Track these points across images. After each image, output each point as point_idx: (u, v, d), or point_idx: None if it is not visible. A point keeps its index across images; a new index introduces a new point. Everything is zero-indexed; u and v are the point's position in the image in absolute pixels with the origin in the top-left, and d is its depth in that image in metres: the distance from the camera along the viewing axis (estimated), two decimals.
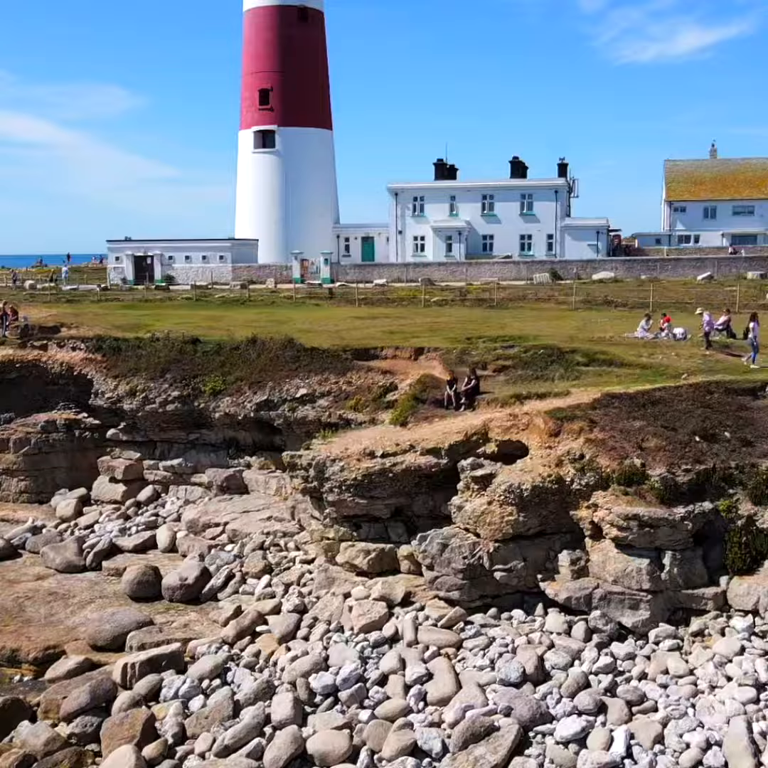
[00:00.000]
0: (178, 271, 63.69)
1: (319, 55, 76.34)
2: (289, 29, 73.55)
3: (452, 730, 17.30)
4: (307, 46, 74.78)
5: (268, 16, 73.88)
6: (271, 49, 73.92)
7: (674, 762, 16.00)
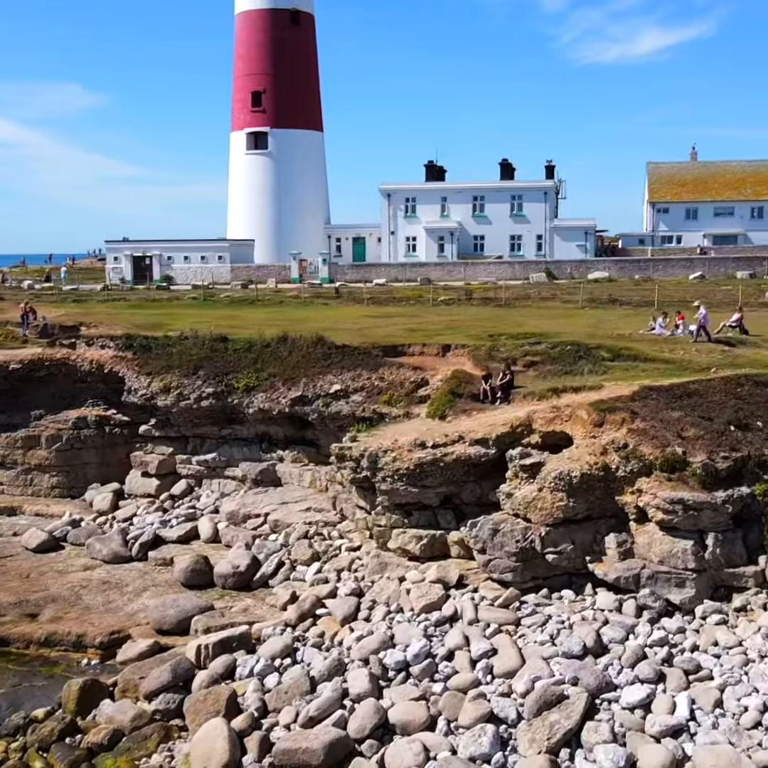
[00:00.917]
0: (176, 271, 64.54)
1: (311, 57, 77.63)
2: (281, 32, 74.72)
3: (523, 699, 18.51)
4: (298, 48, 75.99)
5: (260, 19, 74.97)
6: (264, 51, 75.08)
7: (735, 723, 17.33)
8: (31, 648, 24.25)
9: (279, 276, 61.66)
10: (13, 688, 22.36)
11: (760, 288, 46.82)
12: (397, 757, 17.53)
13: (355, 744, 18.11)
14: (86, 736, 19.62)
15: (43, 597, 26.37)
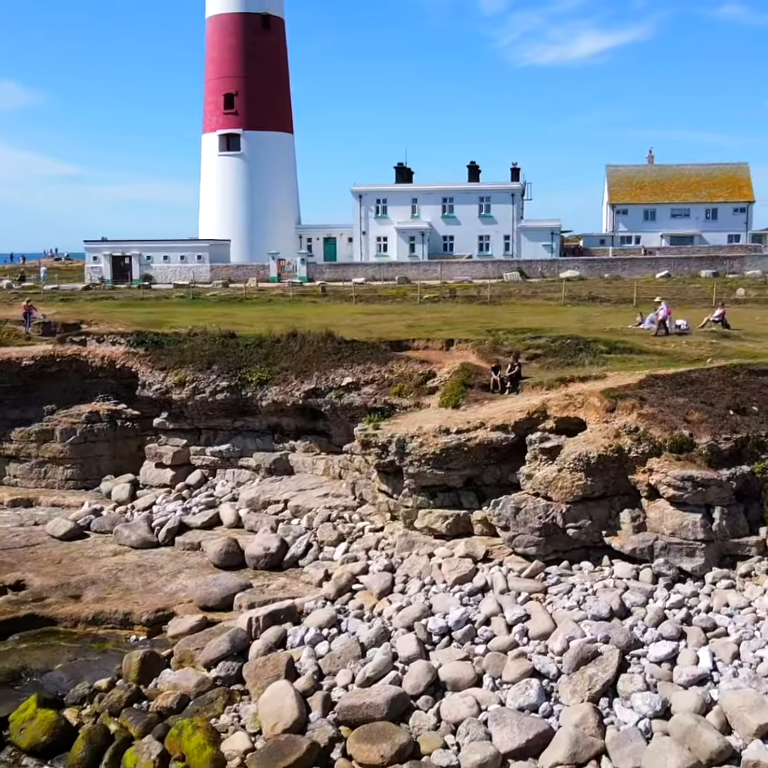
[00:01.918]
0: (156, 270, 65.58)
1: (281, 61, 79.06)
2: (252, 36, 76.09)
3: (560, 657, 20.43)
4: (269, 52, 77.45)
5: (232, 22, 76.24)
6: (236, 54, 76.41)
7: (753, 672, 19.43)
8: (78, 626, 25.58)
9: (258, 275, 63.03)
10: (70, 663, 23.71)
11: (728, 285, 49.49)
12: (453, 710, 19.35)
13: (411, 700, 19.87)
14: (155, 701, 21.12)
15: (82, 580, 27.71)
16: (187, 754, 18.81)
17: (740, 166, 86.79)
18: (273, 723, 19.41)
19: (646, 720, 18.35)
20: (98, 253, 66.84)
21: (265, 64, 76.60)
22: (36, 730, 20.04)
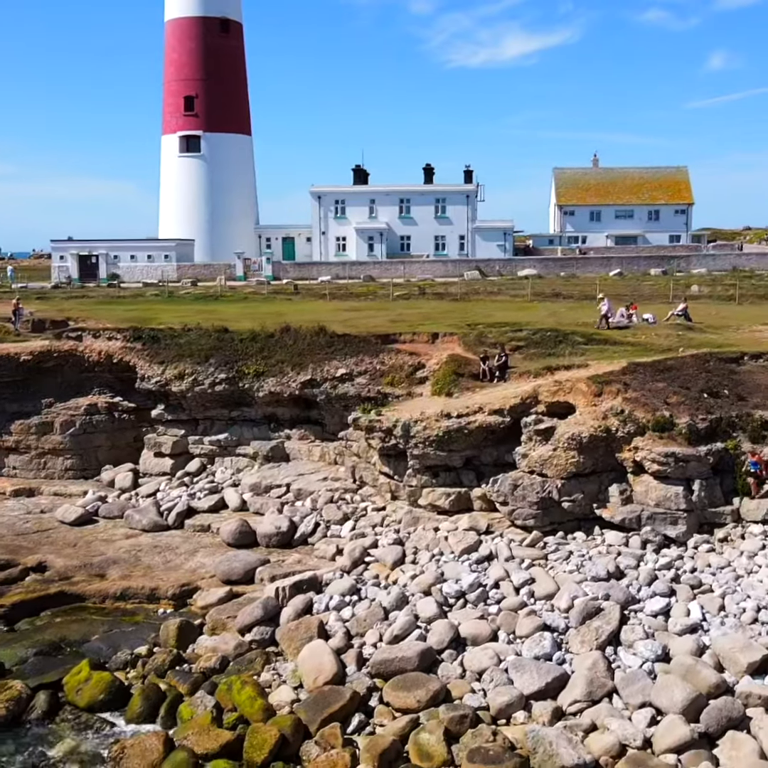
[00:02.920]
0: (123, 269, 66.72)
1: (240, 64, 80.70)
2: (212, 39, 77.59)
3: (566, 613, 22.81)
4: (228, 55, 79.01)
5: (191, 26, 77.59)
6: (195, 57, 77.75)
7: (738, 621, 22.03)
8: (106, 602, 27.26)
9: (226, 274, 64.59)
10: (107, 634, 25.40)
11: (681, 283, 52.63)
12: (475, 661, 21.60)
13: (437, 654, 22.06)
14: (197, 663, 23.01)
15: (104, 560, 29.35)
16: (239, 706, 20.72)
17: (680, 170, 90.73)
18: (314, 677, 21.44)
19: (649, 663, 20.79)
20: (65, 252, 67.68)
21: (225, 67, 78.09)
22: (93, 690, 21.77)
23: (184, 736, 19.88)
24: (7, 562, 29.72)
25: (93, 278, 66.18)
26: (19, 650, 24.47)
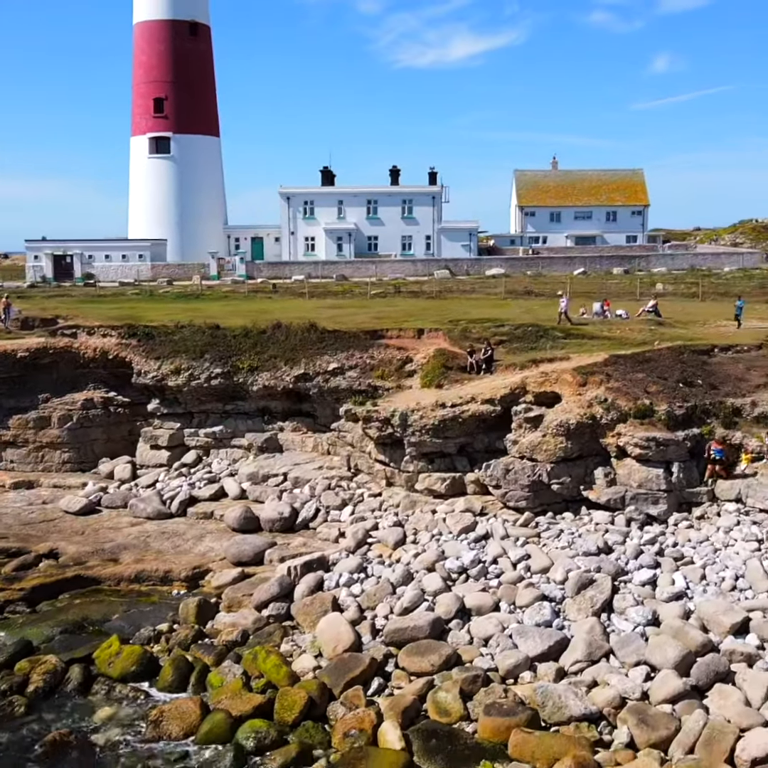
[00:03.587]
0: (98, 269, 67.59)
1: (208, 67, 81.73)
2: (181, 42, 78.53)
3: (562, 585, 24.73)
4: (197, 58, 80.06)
5: (160, 29, 78.47)
6: (165, 60, 78.64)
7: (718, 588, 24.11)
8: (121, 585, 28.66)
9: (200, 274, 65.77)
10: (126, 613, 26.81)
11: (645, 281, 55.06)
12: (481, 628, 23.43)
13: (445, 624, 23.86)
14: (219, 637, 24.55)
15: (115, 546, 30.72)
16: (266, 673, 22.33)
17: (636, 172, 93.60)
18: (333, 645, 23.12)
19: (640, 627, 22.77)
20: (39, 251, 68.34)
21: (194, 70, 79.11)
22: (125, 662, 23.23)
23: (218, 700, 21.46)
24: (18, 549, 30.98)
25: (68, 278, 66.94)
26: (45, 629, 25.79)
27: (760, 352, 33.06)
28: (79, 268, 67.81)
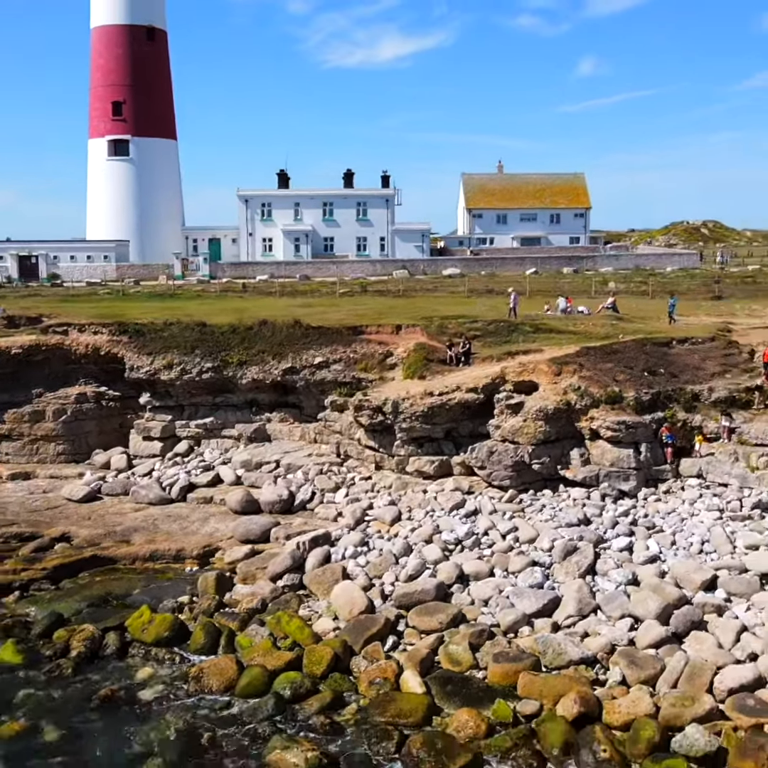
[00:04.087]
0: (63, 270, 68.78)
1: (165, 71, 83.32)
2: (138, 47, 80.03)
3: (549, 552, 27.54)
4: (154, 62, 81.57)
5: (118, 34, 79.86)
6: (123, 64, 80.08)
7: (687, 552, 27.14)
8: (136, 563, 30.72)
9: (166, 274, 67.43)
10: (145, 588, 28.92)
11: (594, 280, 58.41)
12: (480, 591, 26.11)
13: (447, 588, 26.48)
14: (240, 605, 26.82)
15: (125, 528, 32.73)
16: (290, 634, 24.70)
17: (577, 176, 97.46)
18: (349, 609, 25.58)
19: (622, 586, 25.62)
20: (4, 252, 69.26)
21: (151, 74, 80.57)
22: (158, 628, 25.39)
23: (251, 658, 23.79)
24: (32, 534, 32.78)
25: (33, 278, 68.03)
26: (72, 603, 27.83)
27: (713, 344, 36.36)
28: (44, 268, 68.92)
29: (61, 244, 70.21)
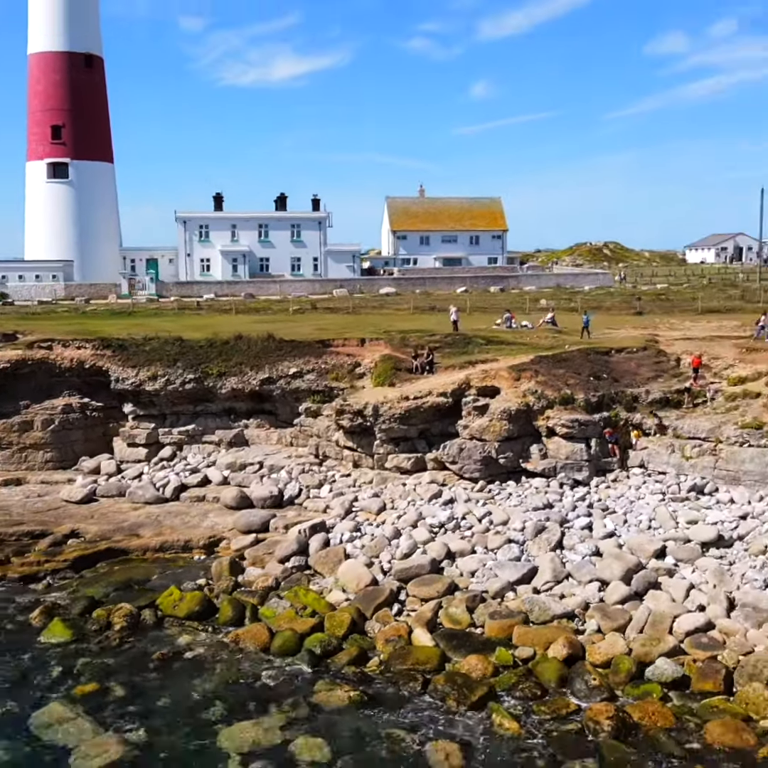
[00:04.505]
0: (11, 289, 70.66)
1: (102, 96, 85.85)
2: (76, 73, 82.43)
3: (522, 532, 31.90)
4: (92, 88, 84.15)
5: (57, 60, 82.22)
6: (62, 90, 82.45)
7: (638, 529, 31.87)
8: (147, 554, 33.91)
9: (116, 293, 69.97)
10: (162, 574, 32.15)
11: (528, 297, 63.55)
12: (467, 565, 30.28)
13: (438, 563, 30.58)
14: (255, 584, 30.35)
15: (132, 524, 35.85)
16: (309, 605, 28.42)
17: (494, 201, 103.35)
18: (356, 582, 29.44)
19: (588, 557, 30.15)
20: None
21: (89, 99, 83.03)
22: (190, 604, 28.76)
23: (279, 625, 27.41)
24: (42, 531, 35.58)
25: None
26: (99, 588, 30.89)
27: (646, 353, 41.50)
28: None
29: (9, 264, 72.05)
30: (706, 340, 44.03)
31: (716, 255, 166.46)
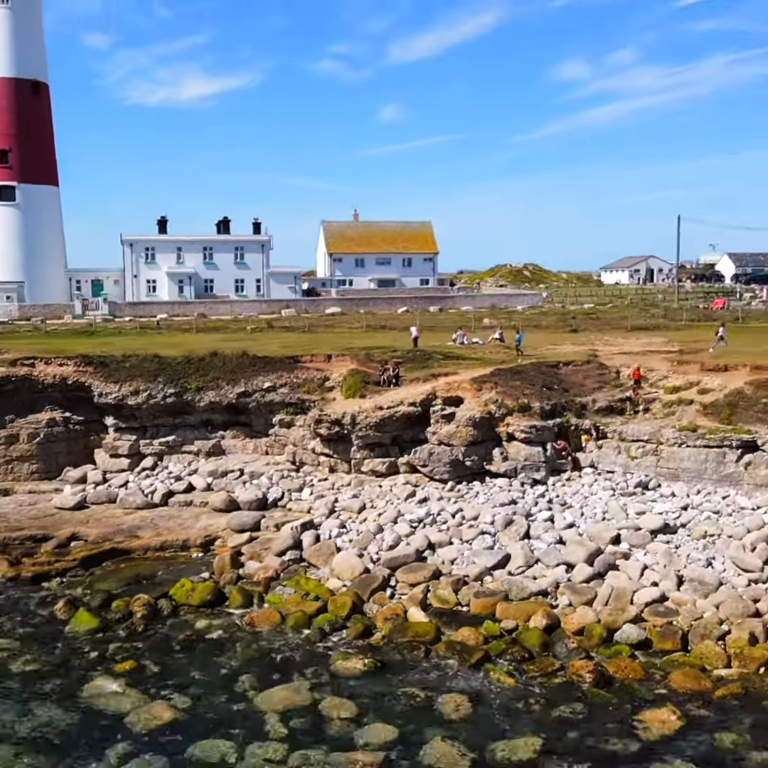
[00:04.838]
0: None
1: (48, 121, 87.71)
2: (23, 99, 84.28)
3: (492, 524, 35.78)
4: (38, 113, 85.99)
5: (4, 86, 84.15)
6: (8, 115, 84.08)
7: (594, 519, 36.04)
8: (148, 553, 36.73)
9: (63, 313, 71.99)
10: (167, 570, 35.05)
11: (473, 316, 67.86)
12: (447, 554, 33.98)
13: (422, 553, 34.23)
14: (256, 575, 33.55)
15: (129, 527, 38.59)
16: (311, 591, 31.75)
17: (425, 224, 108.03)
18: (351, 572, 32.89)
19: (553, 545, 34.18)
20: None
21: (36, 124, 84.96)
22: (202, 593, 31.82)
23: (287, 608, 30.69)
24: (44, 536, 38.07)
25: None
26: (112, 583, 33.62)
27: (589, 366, 46.00)
28: None
29: None
30: (641, 354, 48.82)
31: (630, 276, 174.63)
